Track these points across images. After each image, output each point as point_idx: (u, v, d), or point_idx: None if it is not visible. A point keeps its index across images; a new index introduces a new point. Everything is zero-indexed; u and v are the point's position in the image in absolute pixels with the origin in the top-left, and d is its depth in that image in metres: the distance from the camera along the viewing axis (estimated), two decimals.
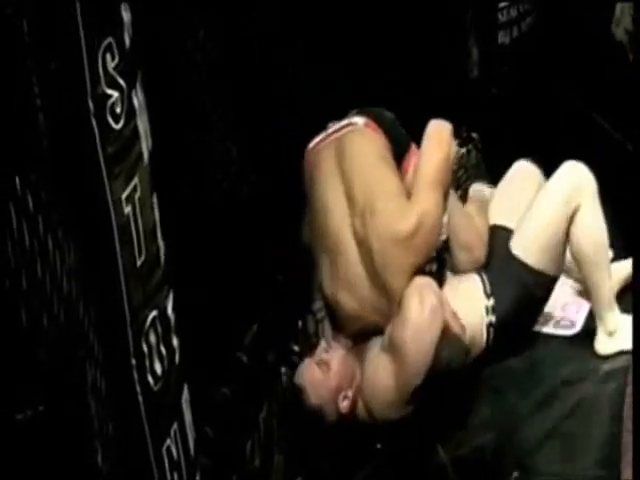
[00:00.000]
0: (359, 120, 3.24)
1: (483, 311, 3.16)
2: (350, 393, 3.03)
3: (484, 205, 3.37)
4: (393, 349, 2.98)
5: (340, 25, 3.58)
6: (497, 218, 3.32)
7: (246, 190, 3.13)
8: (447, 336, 2.99)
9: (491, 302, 3.16)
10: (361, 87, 3.66)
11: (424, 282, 3.02)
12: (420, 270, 3.04)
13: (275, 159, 3.26)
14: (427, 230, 3.02)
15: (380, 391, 3.01)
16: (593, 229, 3.18)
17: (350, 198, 3.10)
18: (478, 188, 3.47)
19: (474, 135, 3.87)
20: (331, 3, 3.54)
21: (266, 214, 3.19)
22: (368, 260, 3.03)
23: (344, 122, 3.25)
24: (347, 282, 3.06)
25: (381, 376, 3.01)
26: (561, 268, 3.26)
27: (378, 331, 3.06)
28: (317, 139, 3.24)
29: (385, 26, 3.72)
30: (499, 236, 3.27)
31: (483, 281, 3.19)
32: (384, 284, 3.01)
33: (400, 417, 3.02)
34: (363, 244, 3.03)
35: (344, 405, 3.03)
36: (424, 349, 2.93)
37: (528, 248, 3.20)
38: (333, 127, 3.25)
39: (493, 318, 3.15)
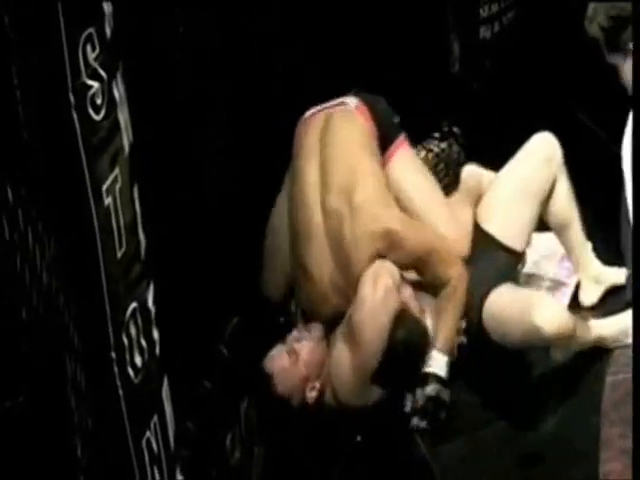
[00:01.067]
0: (351, 102, 3.26)
1: None
2: (318, 384, 3.04)
3: (472, 192, 3.36)
4: (350, 331, 3.00)
5: (323, 21, 3.57)
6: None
7: (229, 184, 3.13)
8: (404, 318, 3.00)
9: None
10: (343, 81, 3.66)
11: (380, 264, 3.02)
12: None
13: (260, 154, 3.26)
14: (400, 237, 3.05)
15: (341, 375, 3.02)
16: (569, 194, 3.25)
17: (325, 173, 3.12)
18: (473, 171, 3.44)
19: (455, 130, 3.88)
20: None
21: (249, 208, 3.19)
22: (336, 240, 3.06)
23: (339, 100, 3.27)
24: (314, 257, 3.07)
25: (341, 360, 3.02)
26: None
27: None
28: (311, 111, 3.26)
29: (367, 21, 3.71)
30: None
31: None
32: (348, 267, 3.03)
33: (364, 404, 3.02)
34: (332, 221, 3.05)
35: (311, 395, 3.04)
36: (378, 329, 2.95)
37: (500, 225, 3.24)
38: (328, 103, 3.27)
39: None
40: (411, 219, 3.12)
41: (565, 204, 3.26)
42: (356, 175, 3.10)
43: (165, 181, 2.69)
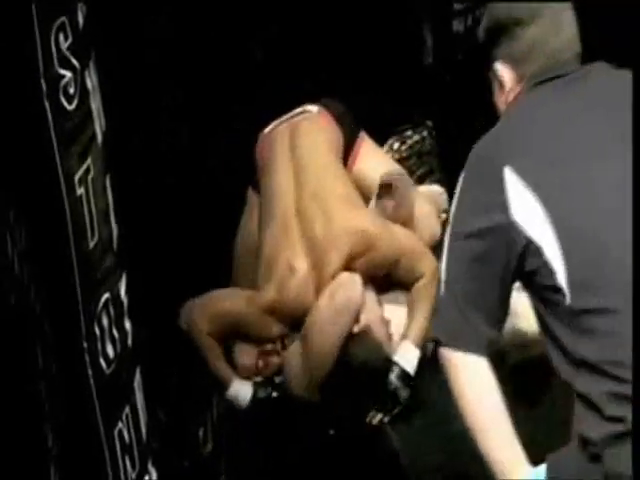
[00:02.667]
0: (313, 108, 3.26)
1: None
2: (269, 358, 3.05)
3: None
4: (303, 335, 2.99)
5: (294, 11, 3.57)
6: None
7: (201, 174, 3.12)
8: (364, 340, 2.99)
9: None
10: (316, 73, 3.66)
11: (347, 278, 3.01)
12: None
13: (234, 142, 3.26)
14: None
15: (292, 372, 3.03)
16: None
17: (297, 182, 3.12)
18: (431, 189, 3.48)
19: (428, 122, 3.89)
20: None
21: (223, 198, 3.19)
22: (310, 241, 3.05)
23: (298, 110, 3.27)
24: (289, 263, 3.06)
25: (293, 359, 3.02)
26: None
27: None
28: (272, 125, 3.25)
29: (340, 13, 3.72)
30: None
31: None
32: (322, 269, 3.02)
33: (312, 400, 3.03)
34: (306, 225, 3.05)
35: (260, 364, 3.04)
36: (327, 343, 2.93)
37: None
38: (288, 114, 3.27)
39: None
40: (381, 219, 3.12)
41: None
42: (327, 179, 3.11)
43: (138, 171, 2.68)
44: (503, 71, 2.21)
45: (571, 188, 2.04)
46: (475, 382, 2.12)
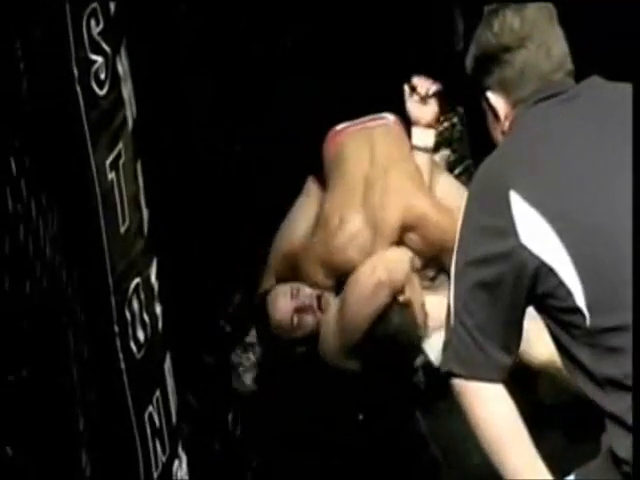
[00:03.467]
0: (389, 116, 3.32)
1: None
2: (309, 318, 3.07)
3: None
4: (341, 299, 3.02)
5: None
6: None
7: (233, 161, 3.13)
8: (404, 311, 3.00)
9: None
10: (346, 59, 3.65)
11: (394, 257, 3.03)
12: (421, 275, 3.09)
13: (259, 130, 3.26)
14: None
15: (325, 334, 3.05)
16: None
17: (373, 159, 3.20)
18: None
19: (458, 109, 3.87)
20: None
21: (252, 185, 3.19)
22: (368, 209, 3.08)
23: (374, 116, 3.33)
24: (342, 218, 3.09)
25: (330, 317, 3.05)
26: None
27: None
28: (344, 125, 3.29)
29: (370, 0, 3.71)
30: None
31: None
32: (375, 234, 3.05)
33: (341, 366, 3.04)
34: (370, 193, 3.09)
35: (295, 321, 3.07)
36: (361, 314, 2.97)
37: None
38: (363, 119, 3.31)
39: None
40: (440, 204, 3.13)
41: None
42: (399, 163, 3.20)
43: (168, 156, 2.69)
44: (496, 100, 2.18)
45: (578, 207, 2.01)
46: (490, 408, 2.08)
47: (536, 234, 1.99)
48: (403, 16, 3.81)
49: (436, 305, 3.06)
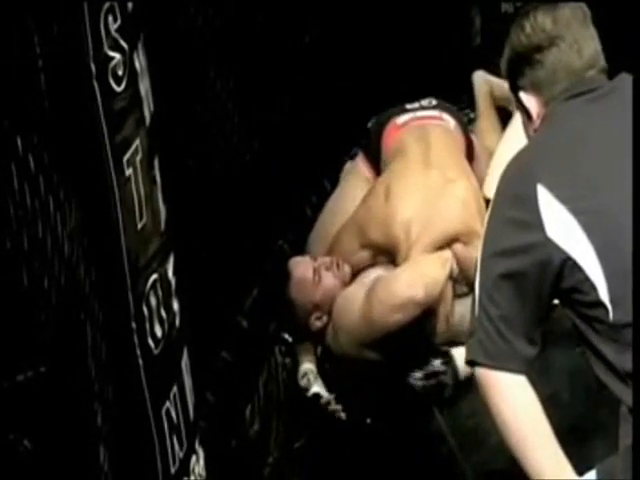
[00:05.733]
0: (450, 121, 3.34)
1: None
2: (325, 319, 3.07)
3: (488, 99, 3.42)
4: (369, 294, 3.00)
5: None
6: None
7: (249, 155, 3.13)
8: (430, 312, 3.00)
9: None
10: (363, 55, 3.65)
11: (434, 274, 3.00)
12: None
13: (277, 125, 3.26)
14: None
15: (348, 320, 3.04)
16: None
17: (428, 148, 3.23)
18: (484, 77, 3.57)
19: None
20: None
21: (269, 180, 3.19)
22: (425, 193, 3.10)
23: (436, 113, 3.29)
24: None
25: (354, 306, 3.03)
26: None
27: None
28: (404, 117, 3.29)
29: None
30: None
31: None
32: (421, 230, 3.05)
33: (359, 357, 3.04)
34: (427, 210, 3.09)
35: (316, 325, 3.07)
36: (390, 321, 2.95)
37: None
38: (423, 112, 3.31)
39: None
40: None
41: None
42: (455, 159, 3.23)
43: (186, 152, 2.69)
44: (528, 100, 2.19)
45: (603, 203, 2.03)
46: (513, 399, 2.09)
47: (562, 228, 2.02)
48: (421, 12, 3.81)
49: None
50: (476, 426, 3.04)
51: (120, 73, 1.96)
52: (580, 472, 2.11)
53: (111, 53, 1.94)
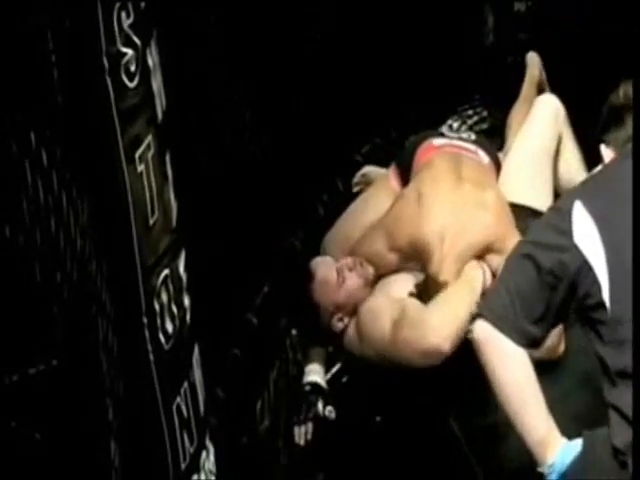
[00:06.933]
0: (484, 158, 3.33)
1: None
2: (347, 320, 3.05)
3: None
4: (397, 328, 2.96)
5: None
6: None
7: (262, 153, 3.13)
8: None
9: None
10: (377, 54, 3.65)
11: (456, 326, 2.91)
12: None
13: (290, 123, 3.26)
14: None
15: (371, 338, 3.02)
16: (576, 150, 3.36)
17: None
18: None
19: (488, 102, 3.86)
20: None
21: (281, 178, 3.20)
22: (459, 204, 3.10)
23: (471, 147, 3.34)
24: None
25: (377, 327, 3.01)
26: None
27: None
28: (441, 140, 3.31)
29: None
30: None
31: None
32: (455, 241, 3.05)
33: (380, 361, 3.03)
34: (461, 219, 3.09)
35: (338, 326, 3.05)
36: (414, 362, 2.94)
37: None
38: (460, 142, 3.33)
39: None
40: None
41: (574, 158, 3.34)
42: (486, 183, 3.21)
43: (198, 149, 2.70)
44: (606, 153, 2.36)
45: (621, 209, 2.15)
46: (510, 363, 2.21)
47: (585, 235, 2.15)
48: (433, 10, 3.81)
49: None
50: (489, 429, 3.04)
51: (133, 69, 1.97)
52: None
53: (124, 49, 1.94)
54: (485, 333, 2.20)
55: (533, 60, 3.63)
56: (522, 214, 3.18)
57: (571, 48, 3.98)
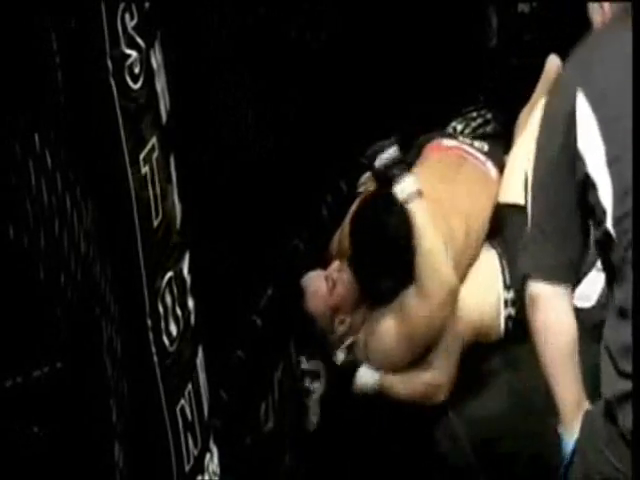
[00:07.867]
0: (492, 170, 3.34)
1: (502, 304, 3.14)
2: (348, 320, 3.06)
3: None
4: (403, 313, 3.00)
5: None
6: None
7: (266, 154, 3.13)
8: None
9: (510, 295, 3.13)
10: (381, 55, 3.65)
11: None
12: None
13: (294, 124, 3.26)
14: None
15: (383, 343, 3.04)
16: None
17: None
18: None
19: (492, 104, 3.86)
20: None
21: (285, 179, 3.20)
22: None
23: (481, 157, 3.34)
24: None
25: (387, 330, 3.03)
26: None
27: None
28: (452, 142, 3.31)
29: None
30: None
31: (504, 273, 3.17)
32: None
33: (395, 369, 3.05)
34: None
35: (340, 330, 3.06)
36: (412, 398, 2.97)
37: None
38: (470, 149, 3.32)
39: (512, 311, 3.12)
40: None
41: None
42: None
43: (202, 150, 2.70)
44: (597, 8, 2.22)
45: (628, 121, 2.00)
46: (554, 322, 2.16)
47: (589, 143, 2.02)
48: (437, 11, 3.80)
49: None
50: (491, 429, 3.04)
51: (137, 71, 1.97)
52: None
53: (128, 51, 1.94)
54: (532, 292, 2.16)
55: (552, 62, 3.60)
56: (521, 214, 3.18)
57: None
